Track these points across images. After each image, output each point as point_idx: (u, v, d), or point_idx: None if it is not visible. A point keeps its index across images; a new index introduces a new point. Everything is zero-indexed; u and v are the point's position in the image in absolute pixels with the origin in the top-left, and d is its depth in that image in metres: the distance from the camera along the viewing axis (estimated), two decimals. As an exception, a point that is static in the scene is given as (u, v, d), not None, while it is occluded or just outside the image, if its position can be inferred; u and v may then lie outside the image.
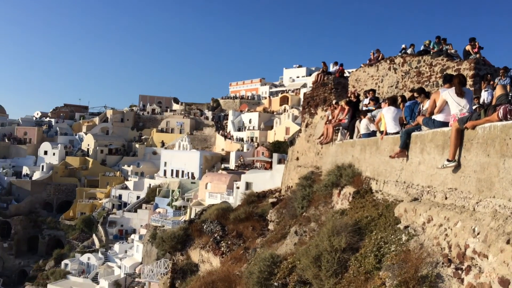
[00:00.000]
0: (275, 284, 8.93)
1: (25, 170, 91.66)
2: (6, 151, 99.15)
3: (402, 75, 17.86)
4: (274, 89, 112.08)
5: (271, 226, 18.01)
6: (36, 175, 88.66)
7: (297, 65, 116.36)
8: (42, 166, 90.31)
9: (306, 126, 23.85)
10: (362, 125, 12.36)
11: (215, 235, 22.31)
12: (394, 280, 5.93)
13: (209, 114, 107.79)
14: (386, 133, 9.95)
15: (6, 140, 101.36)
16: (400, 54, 18.81)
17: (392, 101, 10.55)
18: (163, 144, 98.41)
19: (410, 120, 9.30)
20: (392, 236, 7.31)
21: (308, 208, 13.44)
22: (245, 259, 15.49)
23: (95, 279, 54.59)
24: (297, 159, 23.83)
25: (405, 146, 8.35)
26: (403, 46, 19.44)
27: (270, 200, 23.15)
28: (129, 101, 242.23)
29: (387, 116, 10.02)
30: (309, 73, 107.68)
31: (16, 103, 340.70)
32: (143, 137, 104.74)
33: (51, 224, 78.56)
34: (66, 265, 61.17)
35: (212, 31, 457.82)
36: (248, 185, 40.13)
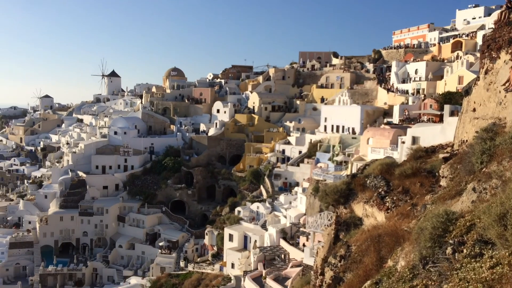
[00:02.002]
0: (450, 241, 8.34)
1: (202, 127, 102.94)
2: (187, 110, 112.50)
3: None
4: (444, 35, 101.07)
5: (443, 182, 16.75)
6: (211, 131, 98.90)
7: (473, 5, 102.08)
8: (216, 123, 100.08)
9: (486, 72, 20.98)
10: None
11: (379, 190, 21.82)
12: None
13: (370, 66, 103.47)
14: None
15: (186, 101, 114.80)
16: None
17: None
18: (322, 99, 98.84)
19: None
20: None
21: (489, 163, 12.02)
22: (413, 215, 14.83)
23: (264, 226, 59.44)
24: (474, 110, 21.31)
25: None
26: None
27: (441, 155, 21.41)
28: (289, 59, 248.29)
29: None
30: (488, 13, 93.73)
31: (192, 67, 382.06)
32: (303, 94, 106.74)
33: (225, 175, 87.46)
34: (239, 212, 67.86)
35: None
36: (414, 140, 37.89)
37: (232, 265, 56.25)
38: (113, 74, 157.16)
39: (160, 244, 73.76)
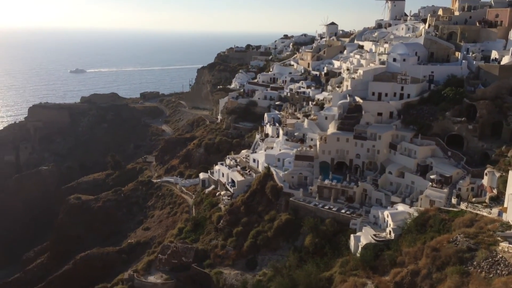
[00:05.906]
0: None
1: (494, 54, 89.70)
2: (476, 35, 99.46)
3: None
4: None
5: None
6: (505, 60, 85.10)
7: None
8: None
9: None
10: None
11: None
12: None
13: None
14: None
15: (477, 24, 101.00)
16: None
17: None
18: None
19: None
20: None
21: None
22: None
23: None
24: None
25: None
26: None
27: None
28: None
29: None
30: None
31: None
32: None
33: (518, 112, 75.04)
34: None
35: None
36: None
37: (515, 214, 49.68)
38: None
39: (432, 177, 71.35)
